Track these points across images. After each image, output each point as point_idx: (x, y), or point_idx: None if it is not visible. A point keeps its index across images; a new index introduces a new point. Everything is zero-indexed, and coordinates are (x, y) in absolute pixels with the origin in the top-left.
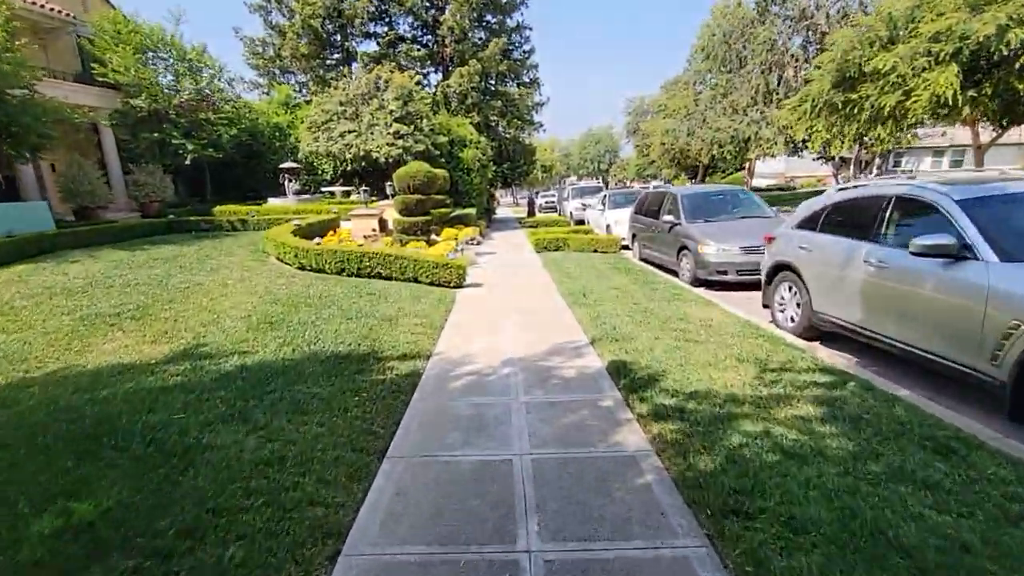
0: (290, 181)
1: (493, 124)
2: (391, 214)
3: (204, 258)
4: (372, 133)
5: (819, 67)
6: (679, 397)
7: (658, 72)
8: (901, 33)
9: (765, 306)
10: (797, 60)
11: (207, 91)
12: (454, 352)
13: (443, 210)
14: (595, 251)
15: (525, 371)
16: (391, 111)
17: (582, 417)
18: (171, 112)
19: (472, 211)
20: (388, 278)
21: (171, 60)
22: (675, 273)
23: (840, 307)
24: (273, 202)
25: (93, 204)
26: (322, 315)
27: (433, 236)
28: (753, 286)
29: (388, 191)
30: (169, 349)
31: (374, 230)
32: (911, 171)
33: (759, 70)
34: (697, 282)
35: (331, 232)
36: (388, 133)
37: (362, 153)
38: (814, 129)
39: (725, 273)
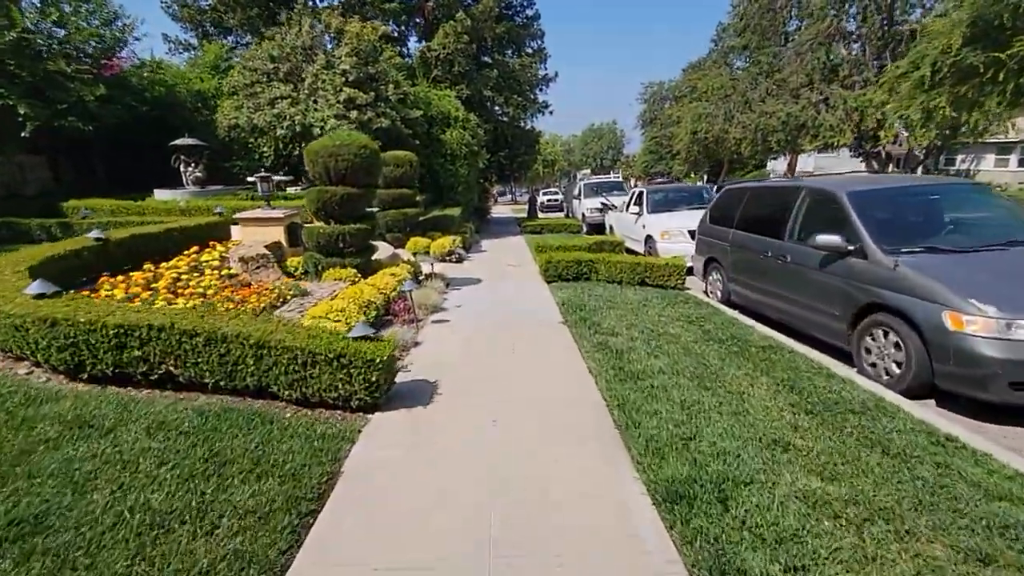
0: (191, 165)
1: (487, 100)
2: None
3: None
4: (315, 101)
5: (931, 22)
6: None
7: (664, 67)
8: None
9: None
10: (870, 35)
11: (66, 32)
12: None
13: (410, 211)
14: (643, 282)
15: None
16: (343, 71)
17: None
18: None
19: (456, 211)
20: (197, 386)
21: None
22: (830, 349)
23: None
24: (160, 195)
25: None
26: None
27: (394, 251)
28: None
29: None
30: None
31: (277, 245)
32: (969, 170)
33: (815, 42)
34: (924, 389)
35: (196, 250)
36: (337, 102)
37: (299, 128)
38: (935, 106)
39: None
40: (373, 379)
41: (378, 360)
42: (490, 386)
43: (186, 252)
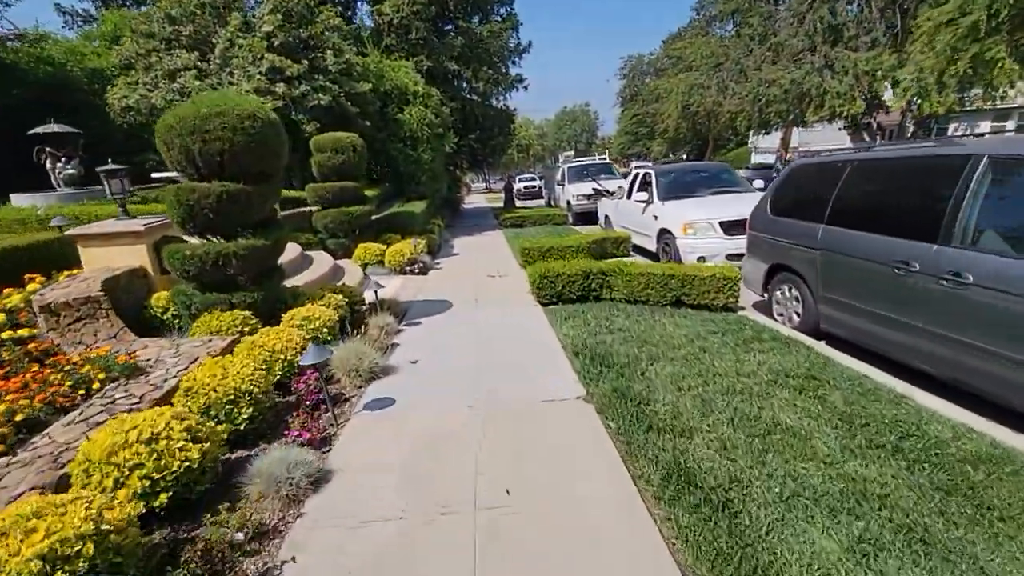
0: (60, 160)
1: (451, 75)
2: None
3: None
4: (230, 73)
5: None
6: None
7: (638, 44)
8: None
9: None
10: None
11: None
12: None
13: (356, 208)
14: (677, 301)
15: None
16: (266, 34)
17: None
18: None
19: (420, 206)
20: None
21: None
22: None
23: None
24: (18, 201)
25: None
26: None
27: (336, 264)
28: None
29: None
30: None
31: (136, 274)
32: (962, 136)
33: (814, 2)
34: None
35: None
36: (259, 73)
37: None
38: (993, 57)
39: None
40: None
41: None
42: None
43: None
